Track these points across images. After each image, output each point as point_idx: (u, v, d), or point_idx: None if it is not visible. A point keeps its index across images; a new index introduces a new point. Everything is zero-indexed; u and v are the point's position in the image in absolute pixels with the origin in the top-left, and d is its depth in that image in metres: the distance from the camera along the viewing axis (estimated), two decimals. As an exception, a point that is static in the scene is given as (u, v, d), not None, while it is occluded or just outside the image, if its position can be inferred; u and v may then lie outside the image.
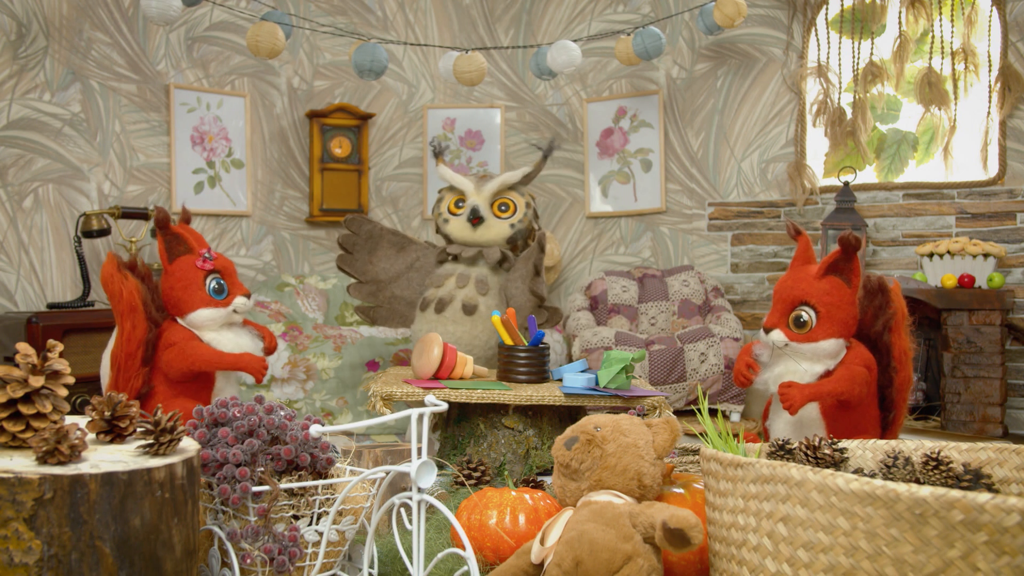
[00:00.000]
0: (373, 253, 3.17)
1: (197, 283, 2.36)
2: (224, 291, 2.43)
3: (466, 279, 3.10)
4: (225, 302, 2.42)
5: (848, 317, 2.16)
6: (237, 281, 2.47)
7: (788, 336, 2.17)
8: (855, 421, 2.18)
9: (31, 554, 1.10)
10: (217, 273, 2.42)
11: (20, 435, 1.27)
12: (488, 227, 3.17)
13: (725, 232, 4.48)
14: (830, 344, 2.14)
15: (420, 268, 3.21)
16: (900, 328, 2.20)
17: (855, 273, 2.18)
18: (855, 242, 2.12)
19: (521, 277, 3.14)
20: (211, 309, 2.38)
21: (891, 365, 2.21)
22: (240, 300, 2.44)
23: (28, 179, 3.69)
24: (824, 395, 2.10)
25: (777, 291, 2.24)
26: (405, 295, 3.20)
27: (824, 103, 4.23)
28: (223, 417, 1.53)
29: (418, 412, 1.40)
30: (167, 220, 2.42)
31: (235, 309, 2.43)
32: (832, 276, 2.17)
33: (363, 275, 3.21)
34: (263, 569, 1.45)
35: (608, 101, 4.71)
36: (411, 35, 4.81)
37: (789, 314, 2.18)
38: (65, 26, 3.80)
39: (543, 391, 2.48)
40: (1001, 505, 1.07)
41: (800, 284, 2.18)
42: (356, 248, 3.21)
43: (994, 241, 3.87)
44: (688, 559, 1.59)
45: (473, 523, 1.71)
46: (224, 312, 2.41)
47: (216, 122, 4.28)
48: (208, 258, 2.41)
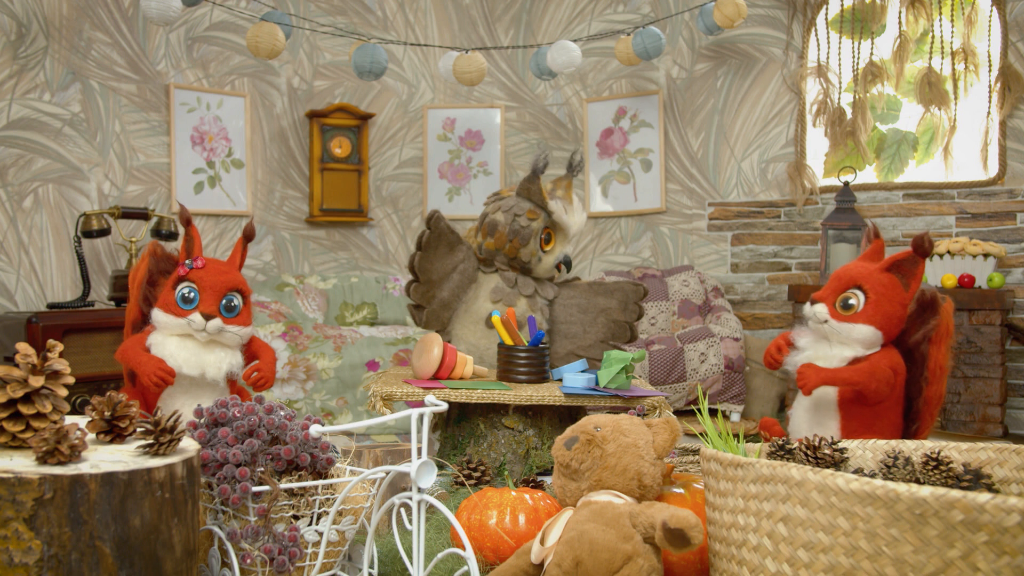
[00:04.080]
0: (435, 252, 3.05)
1: (170, 285, 2.35)
2: (193, 303, 2.28)
3: (535, 302, 2.99)
4: (188, 312, 2.27)
5: (894, 315, 2.15)
6: (211, 301, 2.29)
7: (831, 313, 2.17)
8: (871, 420, 2.17)
9: (31, 554, 1.10)
10: (191, 283, 2.30)
11: (20, 435, 1.27)
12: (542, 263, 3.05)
13: (725, 232, 4.48)
14: (867, 331, 2.13)
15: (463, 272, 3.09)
16: (942, 342, 2.18)
17: (916, 278, 2.17)
18: (929, 245, 2.11)
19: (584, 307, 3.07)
20: (165, 314, 2.28)
21: (924, 375, 2.20)
22: (193, 316, 2.26)
23: (28, 179, 3.69)
24: (839, 380, 2.09)
25: (836, 271, 2.25)
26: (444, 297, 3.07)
27: (824, 103, 4.23)
28: (223, 417, 1.53)
29: (418, 412, 1.40)
30: (189, 220, 2.40)
31: (189, 322, 2.26)
32: (893, 273, 2.18)
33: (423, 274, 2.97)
34: (263, 569, 1.45)
35: (608, 101, 4.71)
36: (411, 35, 4.81)
37: (840, 294, 2.19)
38: (65, 26, 3.80)
39: (543, 391, 2.48)
40: (1001, 505, 1.07)
41: (861, 270, 2.19)
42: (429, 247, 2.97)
43: (994, 241, 3.87)
44: (688, 559, 1.59)
45: (473, 523, 1.71)
46: (177, 321, 2.27)
47: (216, 122, 4.28)
48: (189, 266, 2.31)
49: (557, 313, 3.10)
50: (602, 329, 3.05)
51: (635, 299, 3.04)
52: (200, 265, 2.32)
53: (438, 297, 3.01)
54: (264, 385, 2.40)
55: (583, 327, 3.06)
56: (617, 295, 3.06)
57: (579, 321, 3.07)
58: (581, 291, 3.12)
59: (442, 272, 3.02)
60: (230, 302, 2.34)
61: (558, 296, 3.10)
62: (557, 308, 3.09)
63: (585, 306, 3.09)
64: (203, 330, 2.27)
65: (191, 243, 2.38)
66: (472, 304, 3.01)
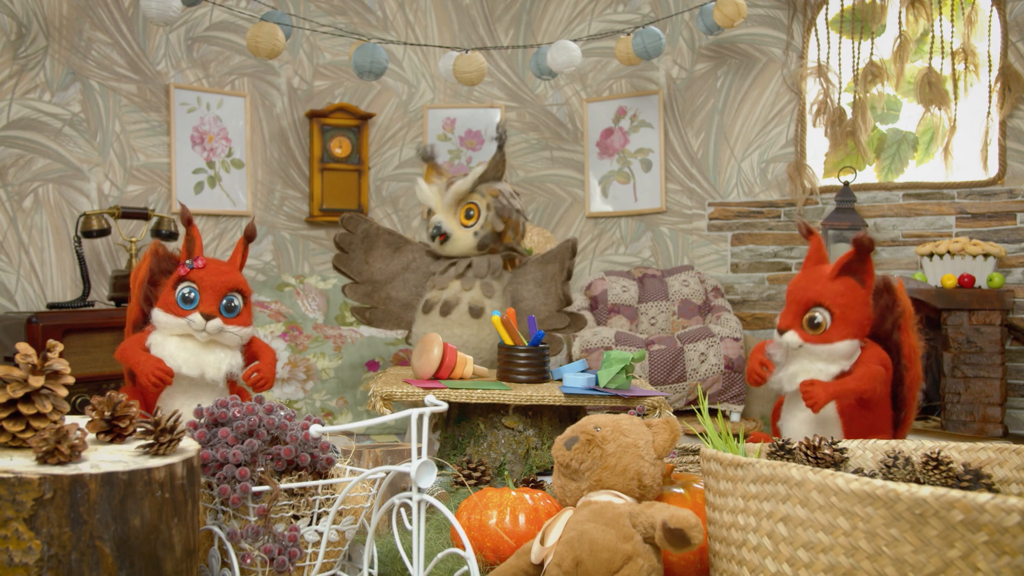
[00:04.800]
0: (369, 253, 3.09)
1: (171, 285, 2.35)
2: (193, 303, 2.28)
3: (472, 282, 3.06)
4: (188, 312, 2.28)
5: (862, 318, 2.16)
6: (211, 301, 2.29)
7: (803, 337, 2.17)
8: (871, 421, 2.18)
9: (31, 554, 1.10)
10: (191, 283, 2.30)
11: (20, 435, 1.27)
12: (455, 240, 3.06)
13: (725, 232, 4.48)
14: (845, 345, 2.14)
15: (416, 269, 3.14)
16: (908, 326, 2.21)
17: (869, 274, 2.18)
18: (869, 243, 2.12)
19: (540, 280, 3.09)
20: (165, 314, 2.28)
21: (901, 363, 2.22)
22: (193, 316, 2.26)
23: (28, 179, 3.69)
24: (847, 393, 2.10)
25: (790, 292, 2.23)
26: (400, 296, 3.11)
27: (824, 103, 4.23)
28: (223, 417, 1.53)
29: (418, 412, 1.40)
30: (191, 220, 2.40)
31: (189, 322, 2.27)
32: (846, 277, 2.17)
33: (359, 275, 3.09)
34: (263, 569, 1.45)
35: (608, 101, 4.71)
36: (411, 35, 4.81)
37: (803, 315, 2.18)
38: (65, 26, 3.80)
39: (543, 391, 2.48)
40: (1001, 505, 1.07)
41: (814, 285, 2.18)
42: (352, 248, 3.10)
43: (994, 241, 3.87)
44: (688, 559, 1.59)
45: (473, 523, 1.71)
46: (176, 321, 2.28)
47: (216, 122, 4.28)
48: (189, 266, 2.31)
49: (518, 291, 3.12)
50: (554, 299, 3.07)
51: (566, 256, 3.05)
52: (201, 265, 2.32)
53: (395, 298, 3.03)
54: (264, 386, 2.40)
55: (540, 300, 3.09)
56: (557, 258, 3.09)
57: (535, 295, 3.10)
58: (535, 264, 3.15)
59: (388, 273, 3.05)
60: (230, 302, 2.33)
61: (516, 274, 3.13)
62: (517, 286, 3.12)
63: (539, 278, 3.12)
64: (203, 330, 2.27)
65: (192, 243, 2.38)
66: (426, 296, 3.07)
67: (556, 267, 3.08)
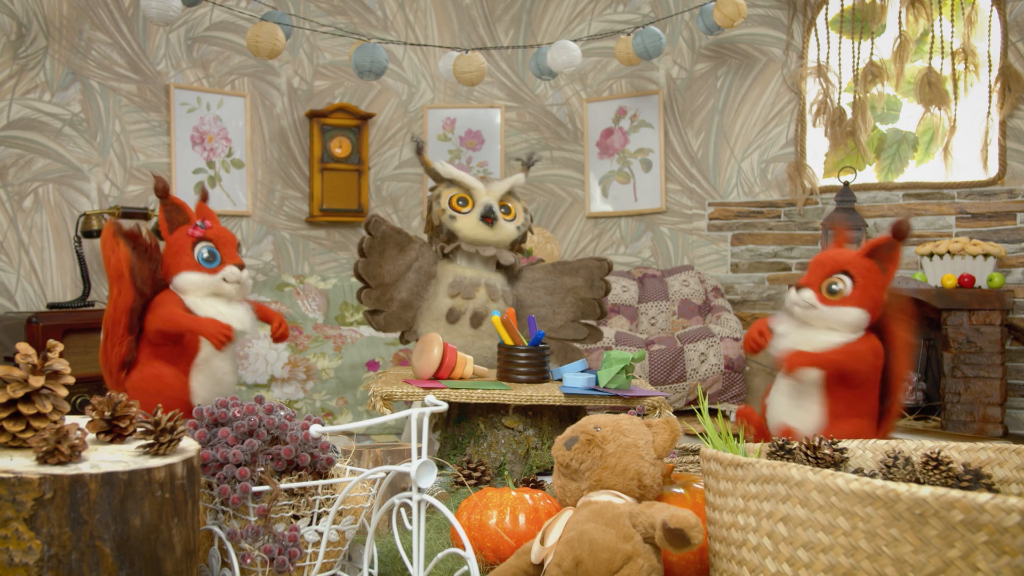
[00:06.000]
0: (382, 255, 3.03)
1: (186, 249, 2.36)
2: (216, 260, 2.37)
3: (495, 291, 2.95)
4: (214, 270, 2.36)
5: (878, 299, 2.19)
6: (234, 253, 2.39)
7: (819, 298, 2.19)
8: (853, 401, 2.20)
9: (31, 554, 1.10)
10: (209, 241, 2.38)
11: (20, 435, 1.27)
12: (499, 228, 3.01)
13: (725, 232, 4.48)
14: (856, 313, 2.16)
15: (419, 269, 3.09)
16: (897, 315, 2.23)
17: (893, 263, 2.20)
18: (907, 229, 2.14)
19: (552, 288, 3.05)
20: (196, 274, 2.34)
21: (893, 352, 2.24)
22: (230, 269, 2.36)
23: (28, 179, 3.69)
24: (823, 362, 2.12)
25: (816, 258, 2.27)
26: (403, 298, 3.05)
27: (824, 103, 4.23)
28: (223, 417, 1.53)
29: (418, 412, 1.40)
30: (166, 190, 2.40)
31: (224, 277, 2.36)
32: (871, 259, 2.20)
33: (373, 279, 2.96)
34: (263, 569, 1.45)
35: (608, 101, 4.71)
36: (411, 35, 4.81)
37: (824, 279, 2.21)
38: (65, 26, 3.80)
39: (543, 391, 2.48)
40: (1001, 505, 1.07)
41: (845, 255, 2.21)
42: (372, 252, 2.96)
43: (994, 241, 3.87)
44: (688, 559, 1.59)
45: (473, 523, 1.71)
46: (211, 279, 2.35)
47: (216, 122, 4.28)
48: (200, 226, 2.37)
49: (524, 296, 3.09)
50: (571, 309, 3.05)
51: (600, 275, 3.04)
52: (210, 225, 2.42)
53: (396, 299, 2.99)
54: (285, 336, 2.52)
55: (552, 308, 3.06)
56: (583, 273, 3.07)
57: (547, 303, 3.07)
58: (546, 272, 3.12)
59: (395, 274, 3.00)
60: None
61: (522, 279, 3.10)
62: (523, 291, 3.09)
63: (552, 287, 3.09)
64: (238, 281, 2.38)
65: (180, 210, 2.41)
66: (432, 301, 3.00)
67: (580, 281, 3.06)
